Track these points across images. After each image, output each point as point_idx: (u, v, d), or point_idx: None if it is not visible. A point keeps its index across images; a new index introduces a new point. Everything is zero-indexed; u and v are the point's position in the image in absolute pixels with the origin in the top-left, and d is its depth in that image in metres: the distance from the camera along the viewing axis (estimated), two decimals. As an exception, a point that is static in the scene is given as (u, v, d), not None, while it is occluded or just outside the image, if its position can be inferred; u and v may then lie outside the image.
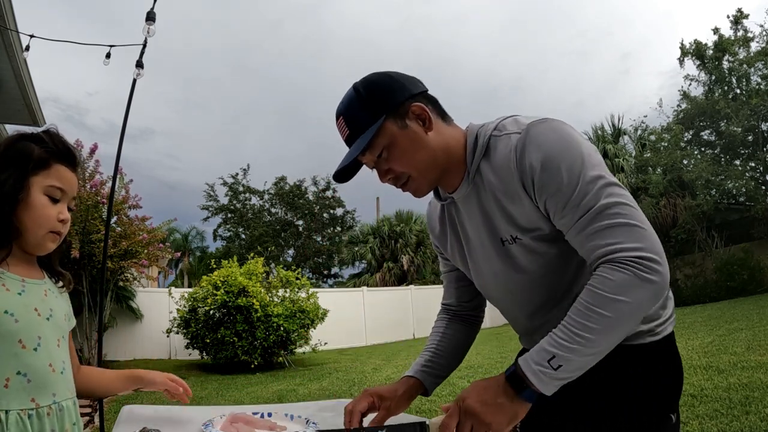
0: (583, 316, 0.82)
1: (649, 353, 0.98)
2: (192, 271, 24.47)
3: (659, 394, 0.97)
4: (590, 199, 0.86)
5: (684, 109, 15.39)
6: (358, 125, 0.96)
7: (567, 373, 0.83)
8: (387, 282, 19.43)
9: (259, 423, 1.10)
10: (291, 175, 22.89)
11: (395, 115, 0.96)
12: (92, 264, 7.07)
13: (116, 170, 3.62)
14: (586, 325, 0.82)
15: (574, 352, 0.82)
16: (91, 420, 4.67)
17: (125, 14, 41.34)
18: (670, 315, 1.04)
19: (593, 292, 0.83)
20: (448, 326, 1.25)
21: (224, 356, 8.05)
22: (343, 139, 1.01)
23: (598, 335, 0.81)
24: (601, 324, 0.81)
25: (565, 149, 0.89)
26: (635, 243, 0.83)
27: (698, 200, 13.75)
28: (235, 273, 8.23)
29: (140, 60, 3.44)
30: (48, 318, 0.99)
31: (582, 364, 0.83)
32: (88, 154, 7.21)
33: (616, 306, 0.81)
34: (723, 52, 14.75)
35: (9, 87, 5.64)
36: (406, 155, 0.97)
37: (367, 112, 0.96)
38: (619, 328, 0.83)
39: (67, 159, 1.02)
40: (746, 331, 6.47)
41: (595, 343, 0.82)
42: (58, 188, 1.00)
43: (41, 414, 0.94)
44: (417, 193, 1.04)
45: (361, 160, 1.02)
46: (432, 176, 1.01)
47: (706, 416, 3.19)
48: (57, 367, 0.99)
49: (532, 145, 0.91)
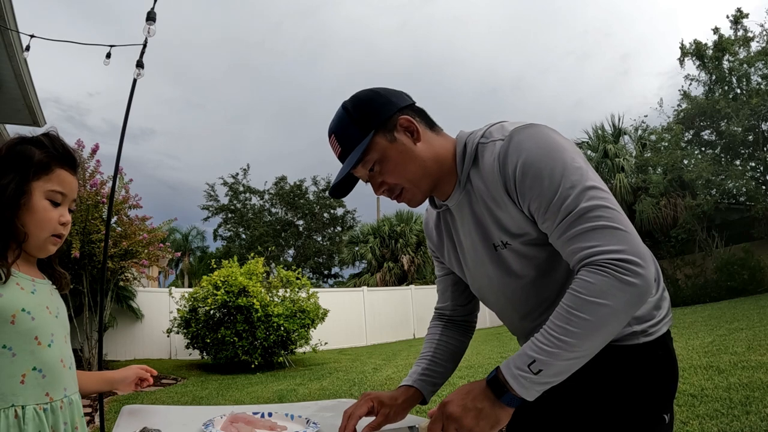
0: (564, 320, 0.82)
1: (642, 354, 0.97)
2: (192, 271, 24.50)
3: (652, 394, 0.97)
4: (570, 203, 0.87)
5: (684, 108, 15.38)
6: (350, 141, 1.00)
7: (548, 378, 0.83)
8: (387, 282, 19.42)
9: (259, 423, 1.10)
10: (291, 175, 22.95)
11: (384, 129, 0.99)
12: (92, 264, 7.07)
13: (116, 170, 3.62)
14: (567, 329, 0.82)
15: (554, 356, 0.81)
16: (91, 420, 4.67)
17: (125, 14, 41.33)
18: (664, 315, 1.03)
19: (574, 295, 0.83)
20: (443, 333, 1.26)
21: (224, 356, 8.05)
22: (336, 156, 1.05)
23: (579, 339, 0.81)
24: (582, 328, 0.81)
25: (546, 154, 0.90)
26: (616, 245, 0.83)
27: (698, 200, 13.74)
28: (236, 273, 8.23)
29: (140, 60, 3.44)
30: (57, 316, 1.03)
31: (563, 369, 0.83)
32: (89, 155, 7.21)
33: (596, 309, 0.80)
34: (723, 51, 14.75)
35: (9, 87, 5.64)
36: (397, 168, 1.01)
37: (357, 128, 0.99)
38: (601, 331, 0.82)
39: (68, 162, 1.04)
40: (746, 331, 6.46)
41: (575, 347, 0.81)
42: (60, 192, 1.01)
43: (55, 408, 0.97)
44: (412, 203, 1.07)
45: (355, 174, 1.05)
46: (424, 186, 1.04)
47: (707, 416, 3.19)
48: (67, 363, 1.02)
49: (514, 151, 0.92)
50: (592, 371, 0.95)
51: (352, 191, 1.11)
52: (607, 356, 0.92)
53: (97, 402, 4.23)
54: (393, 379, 6.29)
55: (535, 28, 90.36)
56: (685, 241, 14.36)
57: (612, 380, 0.97)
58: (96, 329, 6.75)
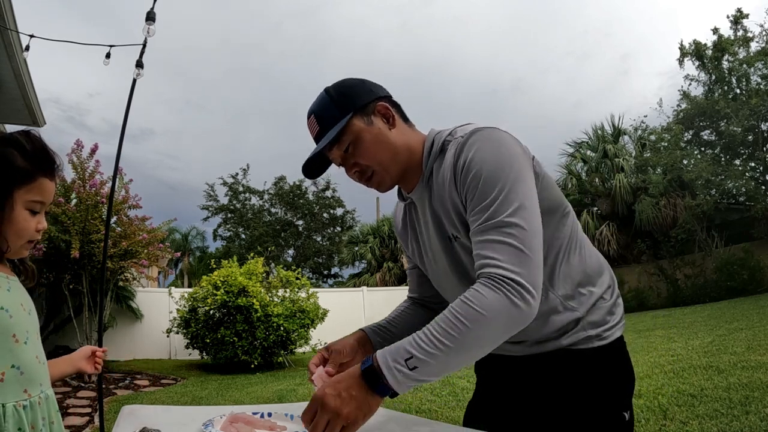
0: (449, 324, 0.84)
1: (599, 357, 1.03)
2: (192, 271, 24.49)
3: (611, 394, 1.03)
4: (495, 210, 0.91)
5: (684, 109, 15.38)
6: (327, 122, 1.03)
7: (422, 376, 0.84)
8: (387, 282, 19.42)
9: (259, 423, 1.10)
10: (291, 175, 22.89)
11: (362, 112, 1.04)
12: (92, 264, 7.07)
13: (116, 170, 3.62)
14: (449, 333, 0.83)
15: (432, 357, 0.83)
16: (91, 420, 4.67)
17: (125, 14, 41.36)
18: (618, 321, 1.09)
19: (464, 303, 0.85)
20: (409, 307, 1.30)
21: (224, 356, 8.05)
22: (312, 137, 1.08)
23: (458, 346, 0.83)
24: (463, 336, 0.83)
25: (494, 158, 0.94)
26: (516, 267, 0.86)
27: (698, 200, 13.74)
28: (235, 273, 8.23)
29: (140, 60, 3.44)
30: (29, 313, 1.03)
31: (438, 371, 0.84)
32: (89, 155, 7.21)
33: (480, 322, 0.83)
34: (723, 52, 14.75)
35: (9, 87, 5.64)
36: (370, 150, 1.04)
37: (337, 110, 1.03)
38: (478, 343, 0.85)
39: (49, 169, 1.02)
40: (746, 331, 6.47)
41: (452, 353, 0.83)
42: (40, 202, 1.01)
43: (33, 404, 0.98)
44: (380, 187, 1.10)
45: (329, 156, 1.08)
46: (393, 171, 1.08)
47: (706, 416, 3.19)
48: (41, 359, 1.04)
49: (469, 147, 0.97)
50: (552, 374, 1.03)
51: (324, 175, 1.14)
52: (565, 360, 1.02)
53: (97, 402, 4.23)
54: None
55: (535, 29, 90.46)
56: (685, 241, 14.36)
57: (571, 382, 1.02)
58: (96, 329, 6.75)
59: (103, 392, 3.83)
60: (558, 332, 1.03)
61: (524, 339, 1.06)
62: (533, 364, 1.07)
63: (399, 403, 4.73)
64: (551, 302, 1.03)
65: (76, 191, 7.04)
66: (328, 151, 1.06)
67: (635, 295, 14.22)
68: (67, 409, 5.06)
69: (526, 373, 1.09)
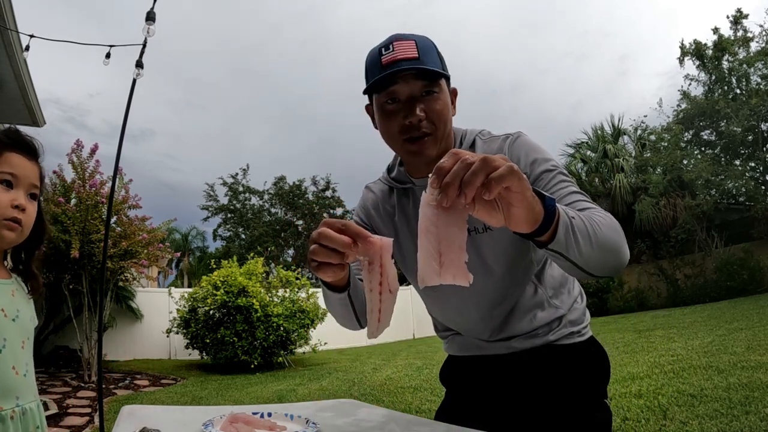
0: (593, 222, 0.86)
1: (581, 350, 1.13)
2: (192, 271, 24.48)
3: (594, 381, 1.13)
4: (553, 167, 1.05)
5: (684, 109, 15.40)
6: (428, 58, 1.01)
7: (568, 245, 0.80)
8: (387, 282, 19.40)
9: (259, 423, 1.10)
10: (290, 175, 22.90)
11: (448, 82, 1.08)
12: (92, 264, 7.07)
13: (116, 170, 3.63)
14: (596, 229, 0.86)
15: (580, 232, 0.83)
16: (91, 420, 4.67)
17: (125, 14, 41.34)
18: (588, 322, 1.20)
19: (602, 216, 0.91)
20: None
21: (224, 356, 8.05)
22: (392, 60, 0.99)
23: (600, 239, 0.85)
24: (603, 237, 0.86)
25: (544, 150, 1.09)
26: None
27: (698, 200, 13.75)
28: (235, 273, 8.23)
29: (140, 60, 3.44)
30: (14, 319, 0.97)
31: (577, 249, 0.82)
32: (89, 155, 7.21)
33: (617, 233, 0.90)
34: (723, 52, 14.76)
35: (9, 87, 5.64)
36: (443, 113, 1.05)
37: (439, 60, 1.05)
38: (610, 249, 0.88)
39: (19, 147, 1.01)
40: (746, 331, 6.47)
41: (591, 246, 0.84)
42: (9, 173, 0.98)
43: (4, 417, 0.91)
44: (427, 150, 1.04)
45: (406, 83, 0.99)
46: (442, 144, 1.07)
47: (706, 416, 3.19)
48: (20, 370, 0.96)
49: (524, 143, 1.08)
50: (541, 367, 1.11)
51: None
52: (553, 354, 1.11)
53: (97, 402, 4.23)
54: (393, 379, 6.29)
55: (534, 29, 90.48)
56: (685, 241, 14.36)
57: (561, 374, 1.10)
58: (95, 329, 6.74)
59: (103, 392, 3.83)
60: (545, 328, 1.12)
61: (517, 334, 1.13)
62: (521, 360, 1.13)
63: (399, 403, 4.73)
64: (539, 297, 1.12)
65: (76, 191, 7.05)
66: (415, 77, 0.99)
67: (635, 295, 14.23)
68: (67, 409, 5.06)
69: (514, 370, 1.14)
